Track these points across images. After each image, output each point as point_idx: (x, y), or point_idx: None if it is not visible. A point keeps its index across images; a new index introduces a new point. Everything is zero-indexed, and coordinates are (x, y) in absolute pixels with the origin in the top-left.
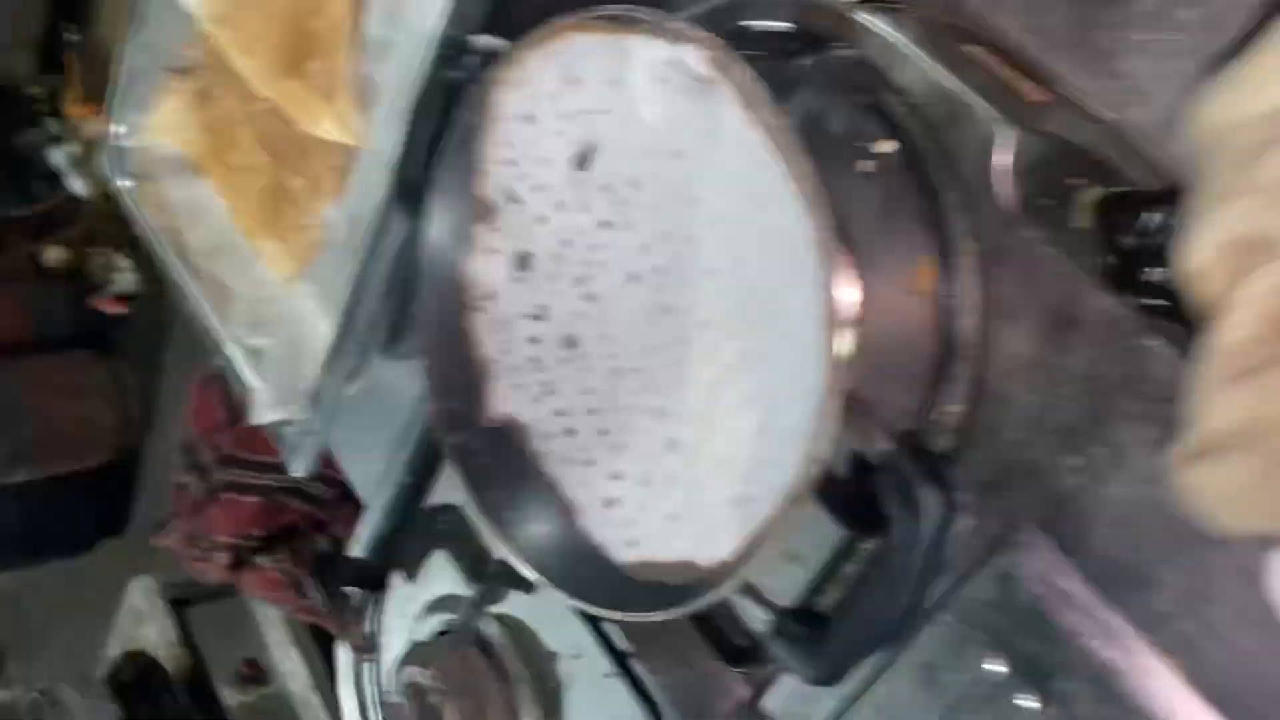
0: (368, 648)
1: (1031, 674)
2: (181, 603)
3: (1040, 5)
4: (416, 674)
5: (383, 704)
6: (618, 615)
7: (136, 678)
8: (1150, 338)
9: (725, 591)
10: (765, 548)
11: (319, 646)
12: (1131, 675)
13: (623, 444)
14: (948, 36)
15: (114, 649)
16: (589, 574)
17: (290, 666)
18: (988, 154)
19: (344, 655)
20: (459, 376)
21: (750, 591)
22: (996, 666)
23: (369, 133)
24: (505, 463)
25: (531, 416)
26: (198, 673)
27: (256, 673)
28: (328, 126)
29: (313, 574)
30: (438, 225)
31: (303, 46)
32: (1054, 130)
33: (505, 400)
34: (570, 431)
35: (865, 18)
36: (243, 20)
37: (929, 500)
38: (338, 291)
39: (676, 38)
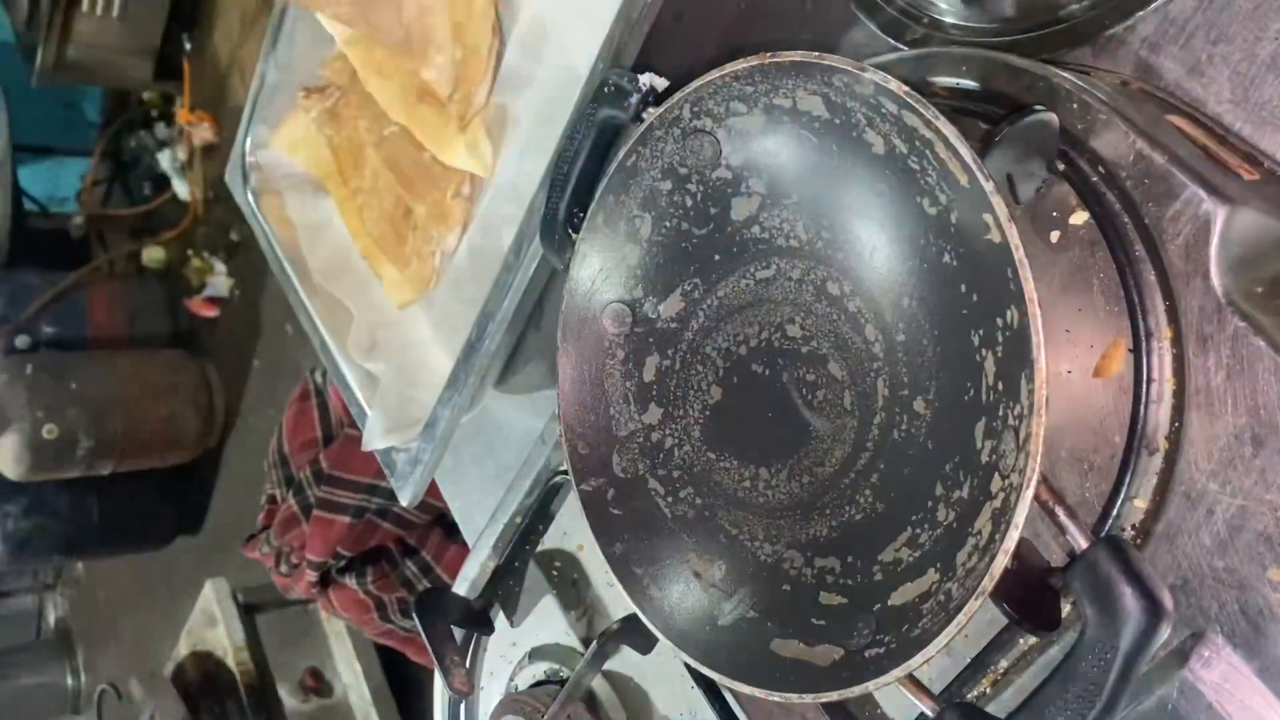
0: (469, 691)
1: None
2: (252, 608)
3: (1249, 77)
4: None
5: None
6: (757, 691)
7: (202, 678)
8: None
9: (887, 681)
10: (937, 641)
11: (382, 662)
12: None
13: None
14: (1148, 104)
15: (183, 648)
16: (725, 643)
17: (352, 680)
18: (1196, 233)
19: (440, 693)
20: (593, 423)
21: (910, 680)
22: None
23: (500, 164)
24: (638, 517)
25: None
26: (261, 678)
27: (318, 683)
28: (460, 155)
29: (417, 610)
30: (587, 267)
31: None
32: (1266, 210)
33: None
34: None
35: (1061, 79)
36: (380, 43)
37: (1131, 603)
38: (455, 321)
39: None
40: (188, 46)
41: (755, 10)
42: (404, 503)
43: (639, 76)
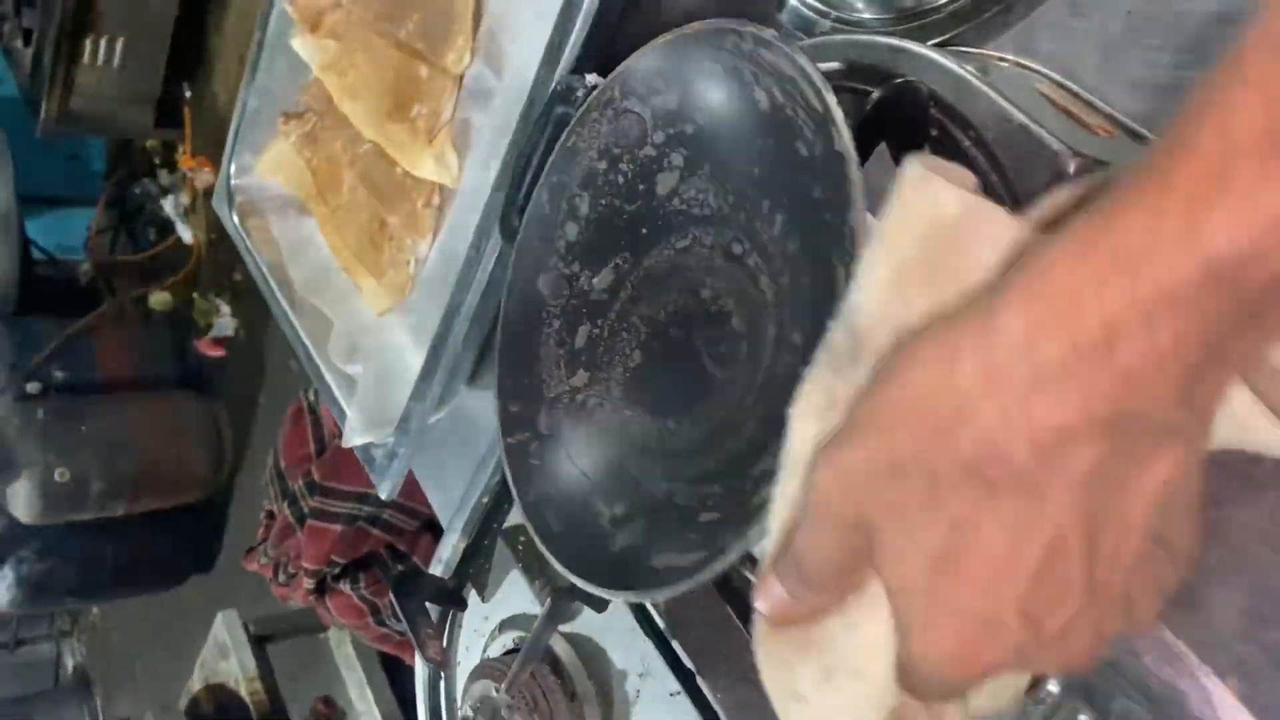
0: (444, 662)
1: (1089, 693)
2: (263, 638)
3: (1114, 47)
4: (488, 688)
5: (455, 718)
6: (634, 597)
7: (216, 710)
8: None
9: (732, 559)
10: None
11: (392, 687)
12: (1190, 697)
13: None
14: (1019, 76)
15: (196, 681)
16: (612, 565)
17: (364, 706)
18: (1053, 184)
19: (420, 669)
20: (527, 385)
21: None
22: (1051, 686)
23: (466, 173)
24: (554, 469)
25: None
26: (275, 708)
27: (331, 710)
28: (429, 168)
29: (395, 590)
30: (525, 238)
31: (408, 92)
32: (1121, 164)
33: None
34: None
35: (934, 56)
36: (352, 67)
37: None
38: (429, 324)
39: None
40: (188, 94)
41: (694, 14)
42: (383, 495)
43: (586, 76)
